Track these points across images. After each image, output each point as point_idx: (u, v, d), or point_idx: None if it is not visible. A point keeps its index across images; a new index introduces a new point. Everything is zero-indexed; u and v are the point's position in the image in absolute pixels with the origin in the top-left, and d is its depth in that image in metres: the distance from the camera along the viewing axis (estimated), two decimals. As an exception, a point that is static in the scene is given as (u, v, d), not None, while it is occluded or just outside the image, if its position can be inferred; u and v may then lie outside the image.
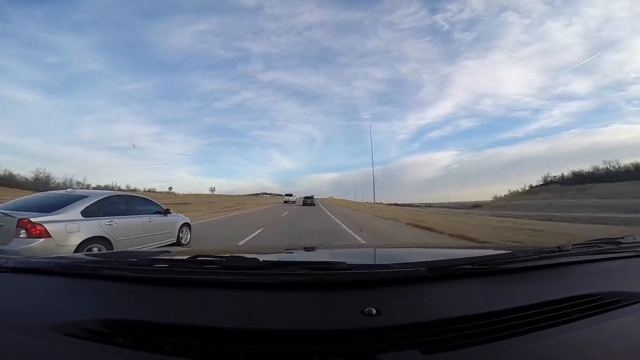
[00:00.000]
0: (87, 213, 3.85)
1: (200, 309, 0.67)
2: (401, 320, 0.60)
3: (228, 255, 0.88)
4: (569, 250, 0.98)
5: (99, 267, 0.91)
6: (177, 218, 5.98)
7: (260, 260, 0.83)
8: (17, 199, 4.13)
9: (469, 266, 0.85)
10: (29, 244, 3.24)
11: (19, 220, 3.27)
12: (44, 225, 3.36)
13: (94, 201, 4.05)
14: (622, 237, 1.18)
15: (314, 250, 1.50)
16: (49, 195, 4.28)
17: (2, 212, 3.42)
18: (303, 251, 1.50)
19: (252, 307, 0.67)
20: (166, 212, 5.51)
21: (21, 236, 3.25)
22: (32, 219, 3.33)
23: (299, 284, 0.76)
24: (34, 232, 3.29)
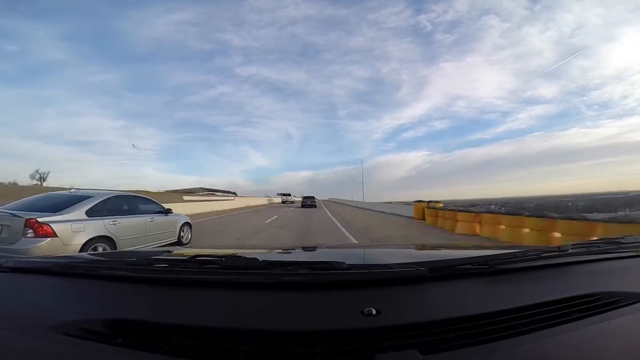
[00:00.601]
0: (91, 213, 3.94)
1: (200, 309, 0.67)
2: (401, 320, 0.60)
3: (228, 255, 0.88)
4: (568, 250, 0.98)
5: (98, 267, 0.91)
6: (178, 218, 6.05)
7: (260, 260, 0.83)
8: (23, 200, 4.19)
9: (469, 266, 0.85)
10: (36, 244, 3.32)
11: (26, 220, 3.35)
12: (51, 225, 3.44)
13: (98, 201, 4.13)
14: (622, 237, 1.18)
15: (314, 250, 1.50)
16: (53, 195, 4.34)
17: (9, 213, 3.49)
18: (303, 251, 1.50)
19: (252, 307, 0.67)
20: (167, 211, 5.59)
21: (28, 236, 3.32)
22: (39, 219, 3.40)
23: (298, 284, 0.76)
24: (41, 232, 3.36)
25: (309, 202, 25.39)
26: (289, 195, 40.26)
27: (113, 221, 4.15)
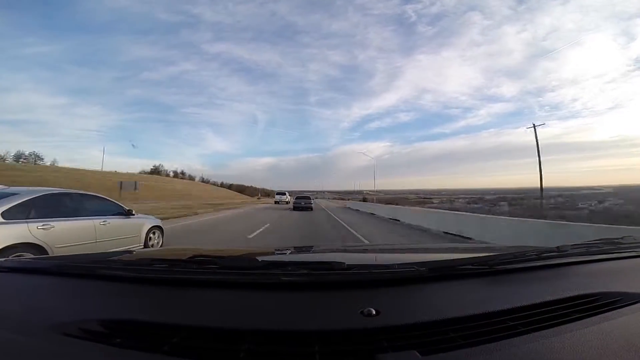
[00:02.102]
0: (10, 215, 3.13)
1: (199, 309, 0.67)
2: (400, 320, 0.60)
3: (227, 255, 0.89)
4: (568, 250, 0.99)
5: (97, 267, 0.91)
6: (144, 220, 5.17)
7: (260, 260, 0.83)
8: None
9: (469, 266, 0.85)
10: None
11: None
12: None
13: (22, 200, 3.30)
14: (622, 238, 1.21)
15: (313, 251, 1.51)
16: None
17: None
18: (302, 251, 1.50)
19: (252, 307, 0.67)
20: (128, 213, 4.70)
21: None
22: None
23: (298, 284, 0.76)
24: None
25: (302, 204, 19.87)
26: (284, 194, 30.85)
27: (44, 225, 3.32)
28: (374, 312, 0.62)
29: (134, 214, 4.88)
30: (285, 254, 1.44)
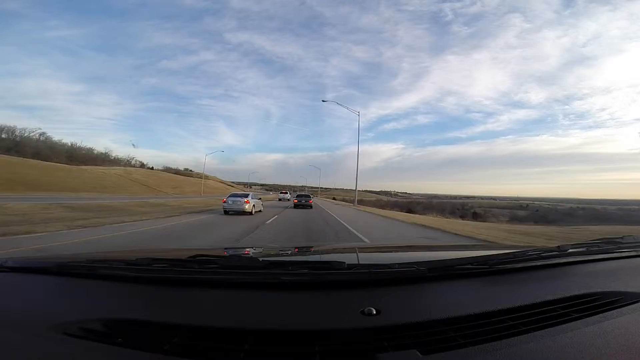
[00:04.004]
0: None
1: (200, 308, 0.67)
2: (401, 320, 0.60)
3: (228, 254, 0.89)
4: (568, 250, 0.99)
5: (98, 266, 0.91)
6: None
7: (260, 260, 0.83)
8: None
9: (469, 266, 0.85)
10: None
11: None
12: None
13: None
14: (622, 237, 1.21)
15: (313, 250, 1.51)
16: None
17: None
18: (303, 251, 1.50)
19: (252, 307, 0.67)
20: None
21: None
22: None
23: (299, 283, 0.76)
24: None
25: (303, 202, 20.86)
26: (287, 193, 34.10)
27: None
28: (374, 312, 0.62)
29: None
30: (286, 253, 1.45)
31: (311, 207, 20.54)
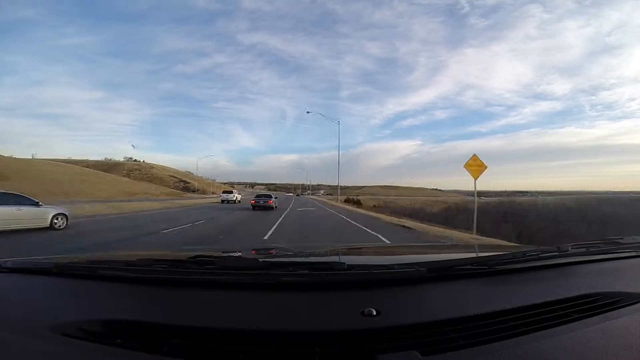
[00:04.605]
0: None
1: (199, 309, 0.67)
2: (401, 321, 0.60)
3: (228, 255, 0.89)
4: (568, 250, 0.99)
5: (97, 267, 0.91)
6: (50, 209, 7.99)
7: (260, 260, 0.83)
8: None
9: (469, 267, 0.85)
10: None
11: None
12: None
13: None
14: (622, 237, 1.20)
15: (313, 251, 1.50)
16: None
17: None
18: (303, 252, 1.49)
19: (252, 307, 0.67)
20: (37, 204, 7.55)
21: None
22: None
23: (298, 284, 0.76)
24: None
25: (261, 203, 18.01)
26: (231, 192, 28.33)
27: None
28: (374, 313, 0.61)
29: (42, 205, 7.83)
30: (286, 254, 1.44)
31: (272, 208, 17.75)
